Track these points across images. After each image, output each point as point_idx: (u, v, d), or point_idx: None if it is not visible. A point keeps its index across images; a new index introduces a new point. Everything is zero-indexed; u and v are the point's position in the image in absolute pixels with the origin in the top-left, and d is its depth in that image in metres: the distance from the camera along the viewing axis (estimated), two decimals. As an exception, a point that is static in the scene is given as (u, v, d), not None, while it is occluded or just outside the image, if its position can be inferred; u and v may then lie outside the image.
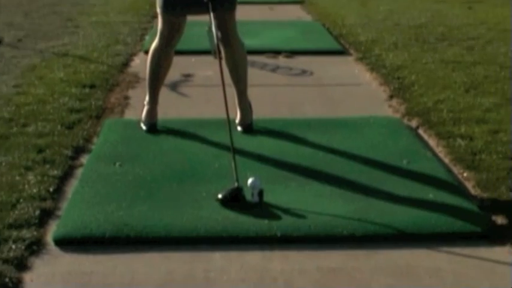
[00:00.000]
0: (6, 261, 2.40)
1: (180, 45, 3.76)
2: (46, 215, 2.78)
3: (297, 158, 3.37)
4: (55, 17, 7.58)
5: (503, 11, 7.76)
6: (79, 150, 3.51)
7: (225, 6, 3.47)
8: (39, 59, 5.47)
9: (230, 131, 3.08)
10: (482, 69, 5.07)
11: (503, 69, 5.05)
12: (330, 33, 6.64)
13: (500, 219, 2.76)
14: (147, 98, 3.80)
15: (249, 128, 3.75)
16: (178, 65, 4.25)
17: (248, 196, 2.83)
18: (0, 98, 4.36)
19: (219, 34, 3.49)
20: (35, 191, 2.95)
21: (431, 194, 2.95)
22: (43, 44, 6.08)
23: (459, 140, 3.60)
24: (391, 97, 4.51)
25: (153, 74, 3.74)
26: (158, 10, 3.57)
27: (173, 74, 4.20)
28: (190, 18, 3.60)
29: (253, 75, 4.27)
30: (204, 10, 3.34)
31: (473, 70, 5.05)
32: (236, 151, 3.02)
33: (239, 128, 3.74)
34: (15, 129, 3.76)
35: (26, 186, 3.00)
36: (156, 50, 3.68)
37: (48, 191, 2.97)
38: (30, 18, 7.48)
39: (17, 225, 2.65)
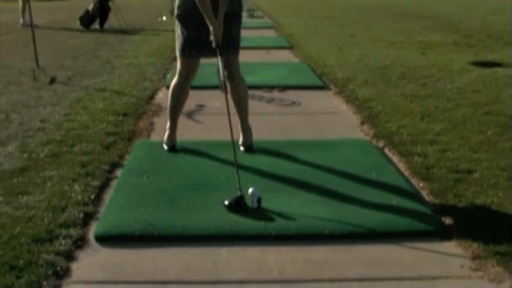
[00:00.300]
0: (57, 253, 2.41)
1: (195, 82, 3.75)
2: (88, 217, 2.78)
3: (288, 172, 3.35)
4: (96, 60, 7.60)
5: (449, 56, 7.78)
6: (114, 166, 3.50)
7: (230, 51, 3.48)
8: (84, 93, 5.47)
9: (234, 150, 3.08)
10: (434, 101, 5.04)
11: (449, 101, 5.02)
12: (314, 72, 6.61)
13: (448, 220, 2.76)
14: (168, 124, 3.78)
15: (250, 148, 3.73)
16: (193, 97, 4.23)
17: (249, 203, 2.81)
18: (53, 124, 4.35)
19: (225, 73, 3.49)
20: (79, 198, 2.95)
21: (394, 200, 2.93)
22: (87, 81, 6.08)
23: (416, 157, 3.58)
24: (362, 123, 4.48)
25: (173, 105, 3.72)
26: (177, 54, 3.58)
27: (189, 104, 4.18)
28: (202, 60, 3.60)
29: (253, 105, 4.23)
30: (214, 54, 3.35)
31: (426, 102, 5.03)
32: (239, 166, 3.01)
33: (242, 148, 3.72)
34: (64, 149, 3.75)
35: (73, 194, 2.99)
36: (175, 86, 3.67)
37: (90, 198, 2.97)
38: (77, 61, 7.49)
39: (66, 225, 2.64)
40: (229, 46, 3.45)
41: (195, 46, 3.46)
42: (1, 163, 3.50)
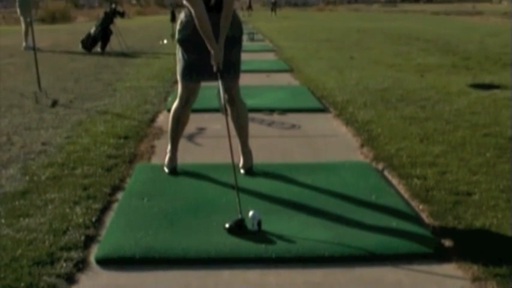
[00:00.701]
0: (58, 276, 2.42)
1: (196, 105, 3.77)
2: (89, 240, 2.78)
3: (288, 194, 3.37)
4: (98, 83, 7.67)
5: (447, 78, 7.86)
6: (115, 188, 3.51)
7: (230, 74, 3.51)
8: (86, 116, 5.51)
9: (235, 173, 3.10)
10: (433, 124, 5.07)
11: (448, 124, 5.06)
12: (314, 95, 6.64)
13: (447, 242, 2.77)
14: (169, 147, 3.80)
15: (250, 170, 3.75)
16: (194, 120, 4.25)
17: (249, 225, 2.83)
18: (55, 146, 4.39)
19: (226, 96, 3.51)
20: (81, 220, 2.96)
21: (394, 222, 2.94)
22: (89, 104, 6.13)
23: (415, 180, 3.60)
24: (362, 146, 4.50)
25: (173, 128, 3.74)
26: (178, 78, 3.61)
27: (190, 127, 4.20)
28: (203, 83, 3.62)
29: (253, 128, 4.25)
30: (214, 78, 3.39)
31: (425, 124, 5.06)
32: (239, 189, 3.03)
33: (242, 171, 3.73)
34: (66, 171, 3.77)
35: (74, 216, 3.01)
36: (176, 109, 3.69)
37: (91, 220, 2.98)
38: (79, 84, 7.57)
39: (67, 248, 2.65)
40: (230, 70, 3.49)
41: (196, 70, 3.50)
42: (3, 185, 3.52)
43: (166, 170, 3.77)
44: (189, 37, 3.43)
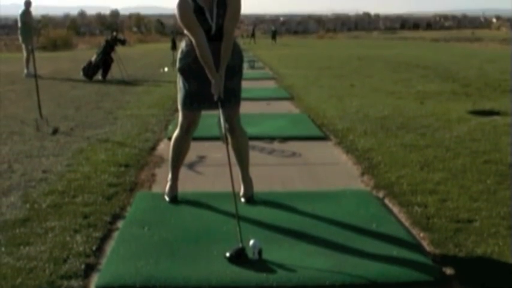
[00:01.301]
0: (59, 305, 2.42)
1: (196, 133, 3.79)
2: (90, 269, 2.79)
3: (289, 223, 3.38)
4: (99, 111, 7.73)
5: (447, 105, 7.94)
6: (116, 217, 3.53)
7: (231, 103, 3.55)
8: (86, 144, 5.54)
9: (235, 202, 3.12)
10: (433, 151, 5.10)
11: (449, 151, 5.10)
12: (314, 123, 6.67)
13: (449, 270, 2.77)
14: (169, 175, 3.82)
15: (251, 199, 3.76)
16: (195, 148, 4.28)
17: (250, 254, 2.84)
18: (56, 174, 4.42)
19: (226, 125, 3.53)
20: (81, 249, 2.97)
21: (395, 251, 2.95)
22: (89, 132, 6.18)
23: (416, 208, 3.62)
24: (362, 174, 4.52)
25: (174, 157, 3.77)
26: (179, 106, 3.64)
27: (190, 155, 4.22)
28: (203, 111, 3.65)
29: (254, 157, 4.28)
30: (215, 106, 3.42)
31: (426, 152, 5.09)
32: (240, 218, 3.05)
33: (242, 200, 3.74)
34: (66, 199, 3.80)
35: (75, 245, 3.02)
36: (177, 138, 3.72)
37: (92, 249, 2.99)
38: (80, 112, 7.63)
39: (67, 276, 2.66)
40: (230, 98, 3.52)
41: (197, 99, 3.53)
42: (3, 213, 3.54)
43: (166, 198, 3.79)
44: (189, 66, 3.48)
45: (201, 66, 3.37)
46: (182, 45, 3.57)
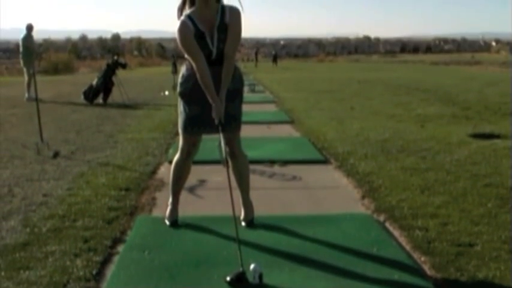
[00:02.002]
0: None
1: (197, 157, 3.81)
2: (90, 294, 2.79)
3: (289, 247, 3.38)
4: (100, 134, 7.77)
5: (448, 129, 7.98)
6: (116, 241, 3.53)
7: (232, 127, 3.56)
8: (87, 167, 5.56)
9: (236, 226, 3.14)
10: (433, 174, 5.12)
11: (449, 174, 5.12)
12: (315, 146, 6.69)
13: (450, 295, 2.78)
14: (170, 199, 3.84)
15: (251, 223, 3.77)
16: (195, 172, 4.28)
17: (251, 278, 2.84)
18: (56, 198, 4.43)
19: (227, 148, 3.56)
20: (81, 273, 2.97)
21: (396, 275, 2.96)
22: (90, 155, 6.20)
23: (417, 231, 3.62)
24: (363, 197, 4.53)
25: (174, 181, 3.79)
26: (180, 130, 3.66)
27: (191, 179, 4.23)
28: (204, 135, 3.67)
29: (254, 180, 4.29)
30: (215, 130, 3.45)
31: (426, 175, 5.10)
32: (240, 242, 3.07)
33: (243, 223, 3.75)
34: (67, 223, 3.81)
35: (75, 269, 3.02)
36: (177, 161, 3.74)
37: (92, 273, 2.99)
38: (80, 135, 7.66)
39: (67, 302, 2.66)
40: (231, 122, 3.54)
41: (197, 123, 3.56)
42: (3, 237, 3.55)
43: (167, 222, 3.80)
44: (190, 90, 3.51)
45: (202, 90, 3.40)
46: (183, 69, 3.60)
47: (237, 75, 3.59)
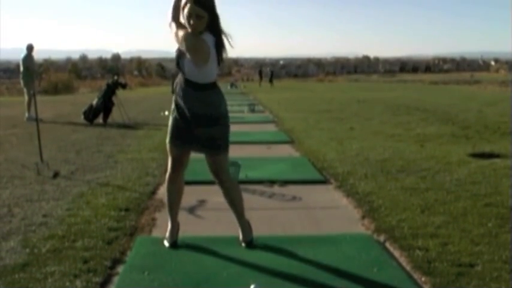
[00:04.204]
0: None
1: (195, 177, 3.85)
2: (89, 315, 2.80)
3: (289, 267, 3.38)
4: (99, 154, 7.78)
5: (447, 148, 8.00)
6: (116, 262, 3.53)
7: (212, 150, 3.58)
8: (87, 188, 5.57)
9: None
10: (433, 194, 5.13)
11: (449, 194, 5.13)
12: (314, 166, 6.69)
13: (451, 316, 2.78)
14: (169, 220, 3.85)
15: (251, 243, 3.76)
16: (195, 193, 4.30)
17: (250, 299, 2.85)
18: (56, 219, 4.44)
19: (213, 176, 3.62)
20: (81, 295, 2.98)
21: (396, 296, 2.97)
22: (90, 175, 6.21)
23: (417, 251, 3.63)
24: (363, 217, 4.54)
25: (169, 200, 3.81)
26: (167, 141, 3.71)
27: (190, 199, 4.24)
28: (201, 155, 3.68)
29: (254, 200, 4.31)
30: (196, 148, 3.54)
31: (426, 195, 5.12)
32: (240, 262, 3.07)
33: (243, 244, 3.75)
34: (66, 244, 3.81)
35: (74, 291, 3.03)
36: (168, 178, 3.78)
37: (91, 295, 3.00)
38: (80, 156, 7.67)
39: (67, 324, 2.66)
40: (212, 144, 3.55)
41: (181, 136, 3.59)
42: (3, 258, 3.55)
43: (166, 243, 3.80)
44: (177, 102, 3.57)
45: (187, 108, 3.45)
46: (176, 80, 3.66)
47: (209, 102, 3.51)
